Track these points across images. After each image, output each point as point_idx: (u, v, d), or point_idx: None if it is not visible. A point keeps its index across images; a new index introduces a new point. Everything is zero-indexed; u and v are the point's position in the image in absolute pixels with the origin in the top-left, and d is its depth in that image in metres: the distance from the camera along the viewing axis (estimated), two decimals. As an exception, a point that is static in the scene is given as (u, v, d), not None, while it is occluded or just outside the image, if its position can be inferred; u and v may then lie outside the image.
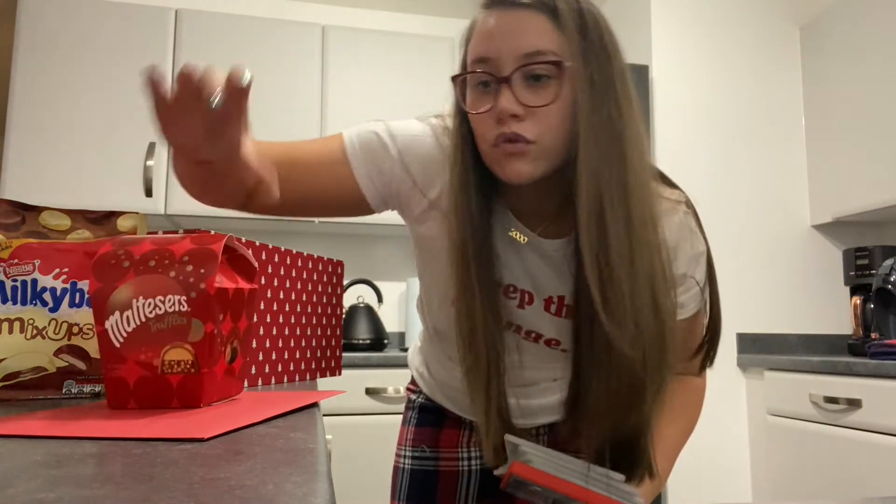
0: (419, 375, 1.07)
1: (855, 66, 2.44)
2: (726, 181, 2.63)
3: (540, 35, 0.69)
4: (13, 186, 2.31)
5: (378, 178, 0.81)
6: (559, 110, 0.70)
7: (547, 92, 0.69)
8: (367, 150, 0.81)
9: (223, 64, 2.52)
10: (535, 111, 0.69)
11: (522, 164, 0.71)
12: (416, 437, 1.04)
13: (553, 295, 0.83)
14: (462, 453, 1.02)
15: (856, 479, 1.91)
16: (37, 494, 0.28)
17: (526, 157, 0.71)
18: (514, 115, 0.69)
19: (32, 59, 2.38)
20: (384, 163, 0.81)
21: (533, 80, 0.69)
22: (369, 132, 0.82)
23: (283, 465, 0.36)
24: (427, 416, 1.05)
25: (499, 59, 0.70)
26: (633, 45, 2.81)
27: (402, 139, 0.81)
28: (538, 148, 0.71)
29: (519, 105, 0.69)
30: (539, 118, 0.70)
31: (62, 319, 0.72)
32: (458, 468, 1.01)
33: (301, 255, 1.12)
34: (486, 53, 0.71)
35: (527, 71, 0.69)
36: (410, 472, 1.02)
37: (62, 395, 0.72)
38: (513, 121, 0.70)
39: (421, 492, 1.01)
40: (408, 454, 1.04)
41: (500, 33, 0.70)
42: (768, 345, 2.56)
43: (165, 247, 0.62)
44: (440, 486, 1.00)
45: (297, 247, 2.87)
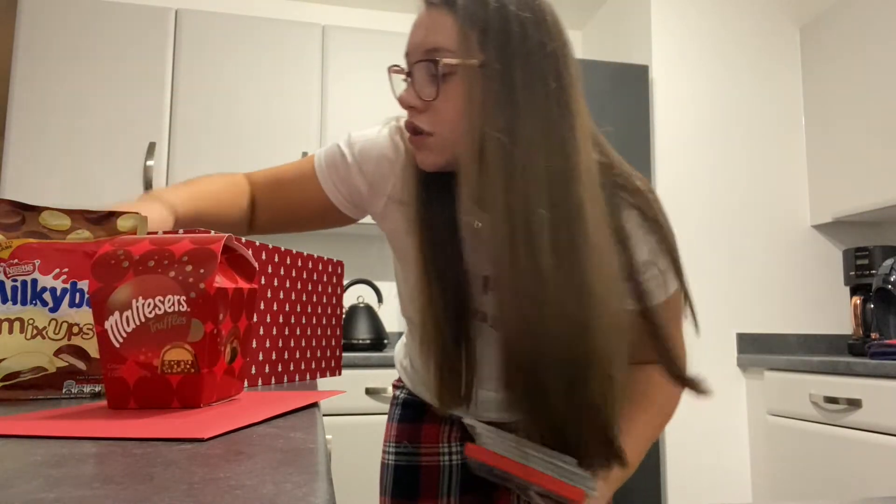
0: (402, 369, 1.09)
1: (855, 66, 2.44)
2: (726, 181, 2.63)
3: (440, 33, 0.73)
4: (13, 186, 2.31)
5: (343, 187, 0.90)
6: (455, 105, 0.73)
7: (446, 88, 0.73)
8: (330, 164, 0.91)
9: (223, 64, 2.52)
10: (432, 104, 0.74)
11: (423, 154, 0.77)
12: (399, 433, 1.05)
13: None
14: (443, 448, 1.03)
15: (856, 479, 1.91)
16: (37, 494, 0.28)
17: (425, 148, 0.76)
18: (412, 106, 0.75)
19: (32, 59, 2.38)
20: (344, 171, 0.89)
21: (434, 75, 0.73)
22: (333, 146, 0.91)
23: (283, 465, 0.36)
24: (409, 412, 1.06)
25: (410, 54, 0.77)
26: (633, 45, 2.81)
27: (359, 145, 0.89)
28: (437, 140, 0.75)
29: (416, 98, 0.75)
30: (434, 111, 0.74)
31: (62, 319, 0.72)
32: (440, 463, 1.02)
33: (301, 255, 1.12)
34: (406, 49, 0.78)
35: (424, 66, 0.74)
36: (394, 467, 1.04)
37: (62, 395, 0.72)
38: (412, 112, 0.76)
39: (404, 487, 1.02)
40: (391, 450, 1.05)
41: (414, 30, 0.76)
42: (768, 345, 2.56)
43: (165, 247, 0.62)
44: (423, 481, 1.02)
45: (297, 247, 2.87)
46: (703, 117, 2.65)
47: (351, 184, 0.90)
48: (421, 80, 0.74)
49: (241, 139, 2.50)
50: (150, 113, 2.45)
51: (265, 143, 2.52)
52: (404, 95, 0.76)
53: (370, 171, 0.88)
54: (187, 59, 2.51)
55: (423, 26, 0.75)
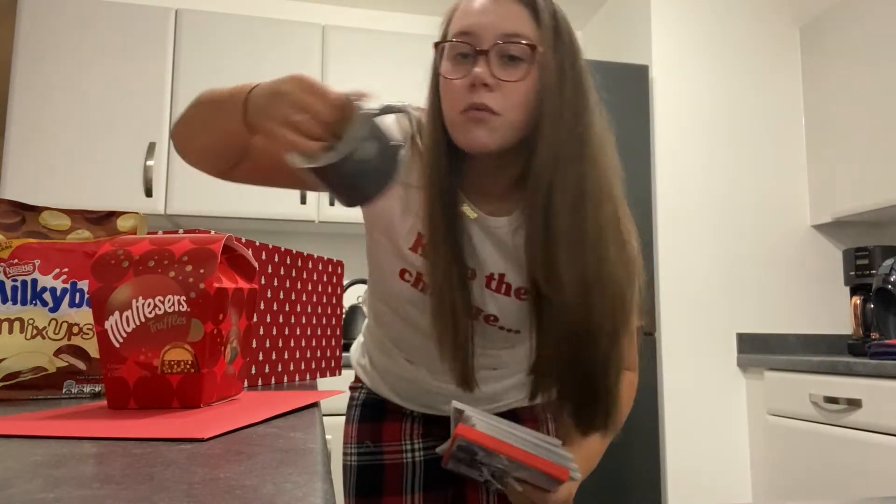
0: (361, 368, 1.09)
1: (855, 66, 2.44)
2: (726, 181, 2.63)
3: (519, 21, 0.77)
4: (13, 186, 2.31)
5: None
6: (526, 90, 0.77)
7: (518, 71, 0.76)
8: None
9: (223, 64, 2.52)
10: (504, 85, 0.76)
11: (483, 131, 0.76)
12: (360, 433, 1.05)
13: (494, 272, 0.86)
14: (405, 445, 1.04)
15: (856, 479, 1.91)
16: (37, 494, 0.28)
17: (488, 125, 0.76)
18: (486, 84, 0.75)
19: (32, 59, 2.38)
20: None
21: (508, 59, 0.76)
22: None
23: (283, 465, 0.36)
24: (369, 412, 1.07)
25: (480, 34, 0.77)
26: (633, 45, 2.81)
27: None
28: (501, 120, 0.76)
29: (492, 76, 0.75)
30: (507, 93, 0.76)
31: (62, 319, 0.72)
32: (403, 460, 1.03)
33: (301, 255, 1.12)
34: (468, 28, 0.77)
35: (503, 49, 0.76)
36: (357, 468, 1.04)
37: (62, 395, 0.72)
38: (484, 90, 0.76)
39: (368, 487, 1.02)
40: (353, 451, 1.05)
41: (484, 12, 0.77)
42: (768, 345, 2.56)
43: (165, 247, 0.62)
44: (386, 479, 1.02)
45: (297, 247, 2.87)
46: (703, 117, 2.65)
47: None
48: (499, 61, 0.76)
49: (241, 139, 2.50)
50: (150, 113, 2.45)
51: (265, 143, 2.51)
52: (480, 72, 0.75)
53: None
54: (187, 59, 2.51)
55: (495, 12, 0.77)
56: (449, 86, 0.78)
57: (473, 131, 0.77)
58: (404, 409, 1.04)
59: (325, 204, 2.58)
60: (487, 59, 0.76)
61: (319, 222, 2.60)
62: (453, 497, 1.05)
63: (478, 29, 0.77)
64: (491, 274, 0.86)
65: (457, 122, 0.78)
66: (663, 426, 2.45)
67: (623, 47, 2.90)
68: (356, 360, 1.11)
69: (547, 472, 0.76)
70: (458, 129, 0.78)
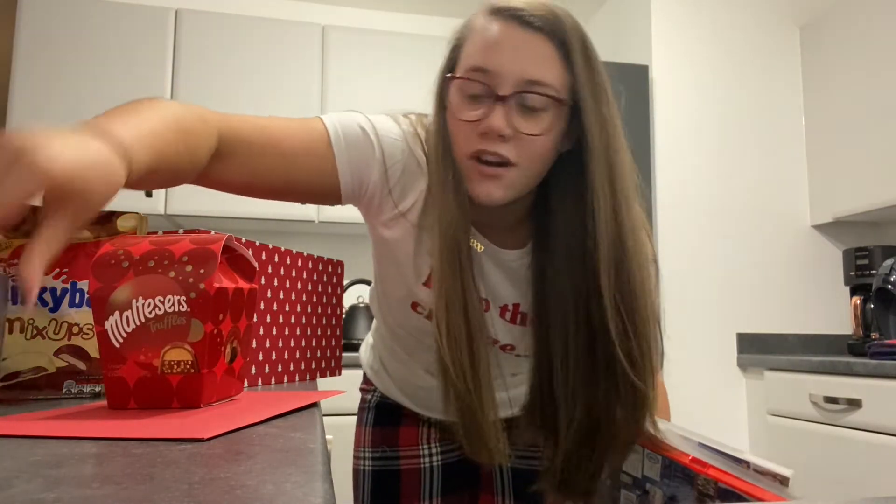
0: (374, 373, 1.06)
1: (855, 66, 2.44)
2: (726, 181, 2.63)
3: (545, 64, 0.69)
4: (13, 186, 2.31)
5: (357, 173, 0.78)
6: (546, 142, 0.70)
7: (539, 121, 0.69)
8: (352, 146, 0.77)
9: (223, 64, 2.52)
10: (521, 136, 0.69)
11: (494, 187, 0.71)
12: (375, 438, 1.03)
13: (508, 303, 0.84)
14: (423, 450, 1.01)
15: (856, 479, 1.91)
16: (37, 494, 0.28)
17: (501, 181, 0.71)
18: (502, 134, 0.69)
19: (32, 59, 2.38)
20: (367, 162, 0.78)
21: (527, 106, 0.69)
22: (355, 126, 0.78)
23: (283, 465, 0.36)
24: (384, 416, 1.04)
25: (500, 74, 0.69)
26: (633, 45, 2.81)
27: (387, 142, 0.79)
28: (516, 172, 0.71)
29: (509, 127, 0.68)
30: (525, 144, 0.70)
31: (62, 319, 0.72)
32: (420, 465, 1.01)
33: (301, 255, 1.12)
34: (486, 65, 0.69)
35: (524, 97, 0.69)
36: (372, 473, 1.01)
37: (62, 395, 0.72)
38: (499, 141, 0.69)
39: (384, 493, 1.00)
40: (368, 455, 1.03)
41: (506, 49, 0.69)
42: (768, 345, 2.56)
43: (165, 247, 0.62)
44: (403, 485, 1.00)
45: (297, 247, 2.86)
46: (704, 117, 2.65)
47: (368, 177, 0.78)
48: (514, 110, 0.69)
49: (241, 139, 2.50)
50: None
51: (265, 143, 2.51)
52: (497, 123, 0.68)
53: (394, 178, 0.79)
54: (187, 59, 2.51)
55: (521, 50, 0.69)
56: (459, 126, 0.71)
57: (484, 185, 0.71)
58: (420, 414, 1.02)
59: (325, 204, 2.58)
60: (506, 107, 0.68)
61: (319, 222, 2.60)
62: (469, 501, 1.04)
63: (497, 68, 0.68)
64: (505, 305, 0.84)
65: (466, 167, 0.72)
66: (663, 426, 2.44)
67: (623, 47, 2.90)
68: (367, 363, 1.08)
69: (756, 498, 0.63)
70: (468, 176, 0.72)
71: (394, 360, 1.00)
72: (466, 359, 0.74)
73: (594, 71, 0.71)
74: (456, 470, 1.03)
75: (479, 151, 0.70)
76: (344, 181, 0.78)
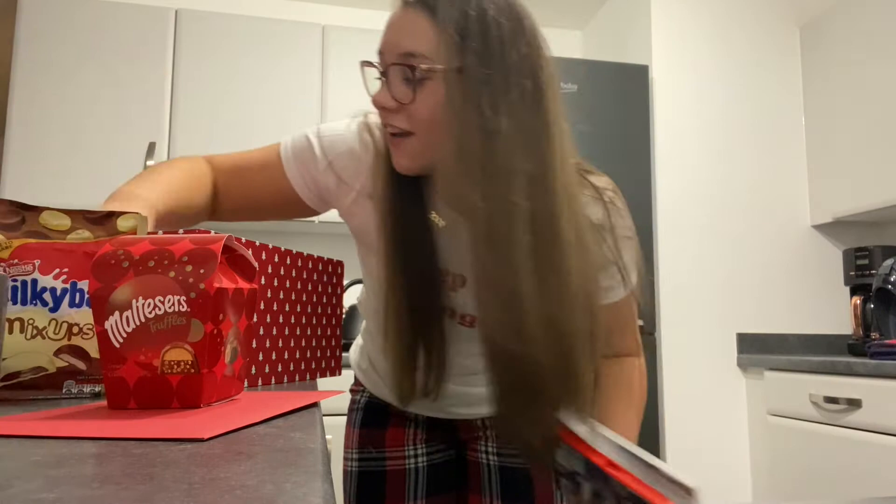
0: (362, 372, 1.07)
1: (855, 66, 2.44)
2: (726, 181, 2.63)
3: (417, 36, 0.73)
4: (13, 186, 2.31)
5: (310, 179, 0.89)
6: (430, 107, 0.73)
7: (420, 90, 0.73)
8: (298, 156, 0.89)
9: (223, 64, 2.52)
10: (406, 106, 0.74)
11: (400, 156, 0.76)
12: (362, 439, 1.04)
13: None
14: (409, 451, 1.02)
15: (856, 479, 1.91)
16: (37, 494, 0.28)
17: (404, 150, 0.76)
18: (384, 107, 0.75)
19: (32, 59, 2.38)
20: (313, 164, 0.88)
21: (409, 79, 0.73)
22: (302, 137, 0.90)
23: (283, 465, 0.36)
24: (371, 416, 1.05)
25: (383, 53, 0.76)
26: (633, 45, 2.81)
27: (328, 139, 0.89)
28: (416, 141, 0.75)
29: (391, 99, 0.74)
30: (411, 113, 0.74)
31: (62, 319, 0.72)
32: (405, 466, 1.01)
33: (301, 255, 1.12)
34: (379, 47, 0.77)
35: (400, 69, 0.74)
36: (358, 474, 1.02)
37: (62, 395, 0.72)
38: (386, 112, 0.75)
39: (369, 493, 1.00)
40: (354, 457, 1.03)
41: (390, 29, 0.76)
42: (768, 345, 2.56)
43: (165, 247, 0.62)
44: (388, 486, 1.00)
45: (297, 247, 2.87)
46: (704, 117, 2.65)
47: (319, 178, 0.89)
48: (396, 82, 0.74)
49: (240, 139, 2.50)
50: (150, 113, 2.45)
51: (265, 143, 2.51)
52: (378, 97, 0.75)
53: (340, 166, 0.88)
54: (187, 59, 2.50)
55: (398, 27, 0.74)
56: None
57: (394, 154, 0.77)
58: (408, 413, 1.03)
59: (325, 204, 2.58)
60: (388, 81, 0.75)
61: (319, 222, 2.60)
62: (457, 502, 1.04)
63: (383, 47, 0.76)
64: None
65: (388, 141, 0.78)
66: (663, 426, 2.45)
67: (623, 47, 2.90)
68: (356, 363, 1.10)
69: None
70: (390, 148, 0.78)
71: (381, 357, 1.01)
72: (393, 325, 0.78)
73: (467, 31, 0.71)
74: (442, 470, 1.03)
75: (383, 124, 0.77)
76: (297, 185, 0.89)
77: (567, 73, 2.51)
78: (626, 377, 0.91)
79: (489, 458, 1.01)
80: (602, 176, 0.85)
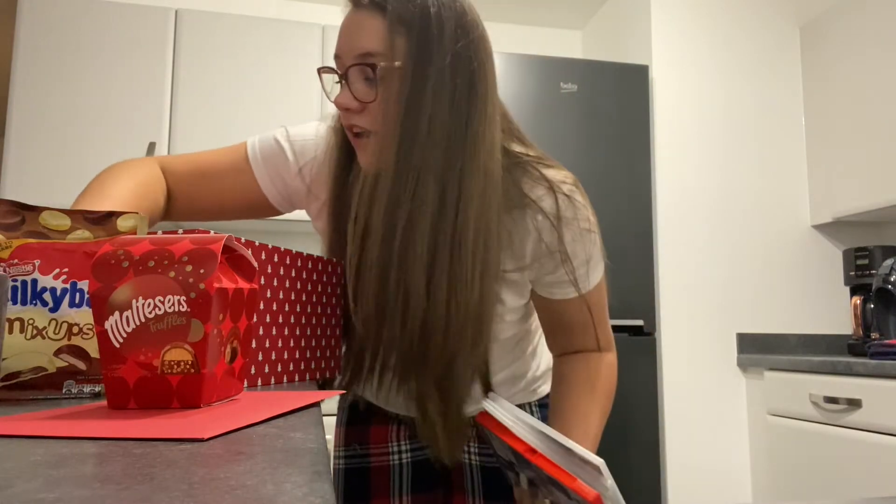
0: None
1: (855, 66, 2.44)
2: (726, 181, 2.63)
3: (370, 36, 0.74)
4: (13, 186, 2.31)
5: (279, 182, 0.90)
6: (391, 104, 0.74)
7: (379, 89, 0.75)
8: (267, 157, 0.90)
9: (223, 64, 2.52)
10: (369, 106, 0.75)
11: (363, 156, 0.78)
12: (347, 436, 1.05)
13: None
14: (392, 447, 1.03)
15: (856, 479, 1.91)
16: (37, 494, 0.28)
17: (366, 149, 0.77)
18: (347, 108, 0.76)
19: (32, 59, 2.38)
20: (283, 168, 0.89)
21: (368, 78, 0.75)
22: (270, 139, 0.90)
23: (283, 465, 0.36)
24: (356, 414, 1.06)
25: (340, 56, 0.77)
26: (633, 45, 2.81)
27: (298, 145, 0.90)
28: (378, 140, 0.76)
29: (352, 100, 0.75)
30: (371, 112, 0.75)
31: (62, 319, 0.72)
32: (390, 462, 1.02)
33: (301, 255, 1.12)
34: (336, 50, 0.78)
35: (358, 70, 0.75)
36: (344, 471, 1.03)
37: (62, 395, 0.72)
38: (349, 114, 0.76)
39: (355, 490, 1.02)
40: (342, 454, 1.05)
41: (344, 32, 0.77)
42: (768, 345, 2.56)
43: (165, 247, 0.62)
44: (373, 482, 1.01)
45: (297, 247, 2.87)
46: (703, 117, 2.65)
47: (289, 182, 0.90)
48: (356, 83, 0.75)
49: (240, 139, 2.49)
50: (150, 113, 2.45)
51: (265, 143, 2.51)
52: (340, 98, 0.76)
53: (308, 174, 0.90)
54: (187, 59, 2.51)
55: (353, 29, 0.75)
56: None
57: (360, 155, 0.78)
58: (390, 412, 1.04)
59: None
60: (348, 82, 0.76)
61: (319, 222, 2.61)
62: (443, 499, 1.05)
63: (340, 50, 0.77)
64: None
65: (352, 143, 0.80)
66: (663, 426, 2.45)
67: (623, 47, 2.90)
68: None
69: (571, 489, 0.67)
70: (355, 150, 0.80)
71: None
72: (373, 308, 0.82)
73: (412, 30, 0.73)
74: (427, 468, 1.04)
75: (346, 126, 0.78)
76: (266, 189, 0.90)
77: (567, 73, 2.51)
78: (589, 372, 0.91)
79: (471, 458, 1.01)
80: (561, 170, 0.85)
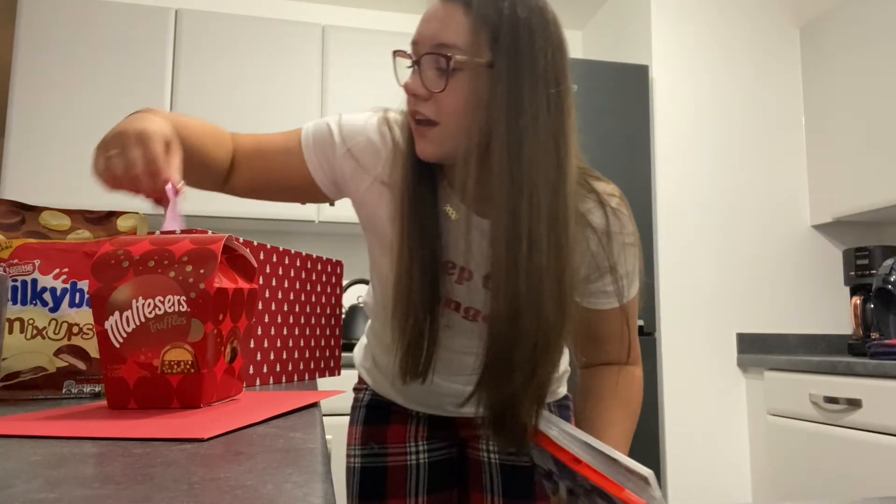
0: (366, 371, 1.08)
1: (855, 66, 2.44)
2: (726, 181, 2.63)
3: (452, 29, 0.75)
4: (13, 186, 2.31)
5: (327, 164, 0.91)
6: (459, 99, 0.75)
7: (451, 81, 0.75)
8: (318, 140, 0.91)
9: (223, 64, 2.52)
10: (436, 95, 0.76)
11: (424, 144, 0.78)
12: (364, 435, 1.05)
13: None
14: (410, 447, 1.03)
15: (856, 479, 1.91)
16: (37, 494, 0.29)
17: (427, 137, 0.78)
18: (416, 94, 0.77)
19: (32, 59, 2.38)
20: (331, 150, 0.90)
21: (441, 69, 0.75)
22: (323, 124, 0.92)
23: (283, 465, 0.36)
24: (374, 414, 1.06)
25: (418, 42, 0.78)
26: (633, 45, 2.81)
27: (348, 127, 0.91)
28: (441, 130, 0.77)
29: (422, 87, 0.76)
30: (440, 102, 0.76)
31: (62, 319, 0.72)
32: (407, 462, 1.02)
33: (301, 255, 1.12)
34: (414, 37, 0.79)
35: (433, 59, 0.76)
36: (360, 470, 1.03)
37: (62, 395, 0.72)
38: (416, 100, 0.77)
39: (372, 489, 1.02)
40: (357, 453, 1.04)
41: (426, 21, 0.78)
42: (768, 345, 2.56)
43: (165, 247, 0.62)
44: (390, 481, 1.02)
45: (297, 247, 2.87)
46: (704, 117, 2.65)
47: (336, 163, 0.91)
48: (428, 71, 0.76)
49: (241, 139, 2.50)
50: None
51: (265, 143, 2.51)
52: (410, 83, 0.77)
53: (357, 152, 0.90)
54: (187, 59, 2.51)
55: (435, 19, 0.77)
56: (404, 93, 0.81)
57: (418, 142, 0.79)
58: (410, 410, 1.04)
59: (325, 204, 2.58)
60: (420, 69, 0.77)
61: (319, 222, 2.60)
62: (459, 499, 1.05)
63: (418, 38, 0.78)
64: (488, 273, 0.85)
65: (413, 129, 0.80)
66: (663, 426, 2.45)
67: (623, 47, 2.90)
68: (359, 362, 1.11)
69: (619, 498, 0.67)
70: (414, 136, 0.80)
71: (384, 354, 1.02)
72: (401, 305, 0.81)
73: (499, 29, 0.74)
74: (444, 468, 1.04)
75: (410, 112, 0.79)
76: (314, 171, 0.91)
77: (567, 73, 2.51)
78: (625, 386, 0.92)
79: (490, 455, 1.02)
80: (609, 184, 0.88)
